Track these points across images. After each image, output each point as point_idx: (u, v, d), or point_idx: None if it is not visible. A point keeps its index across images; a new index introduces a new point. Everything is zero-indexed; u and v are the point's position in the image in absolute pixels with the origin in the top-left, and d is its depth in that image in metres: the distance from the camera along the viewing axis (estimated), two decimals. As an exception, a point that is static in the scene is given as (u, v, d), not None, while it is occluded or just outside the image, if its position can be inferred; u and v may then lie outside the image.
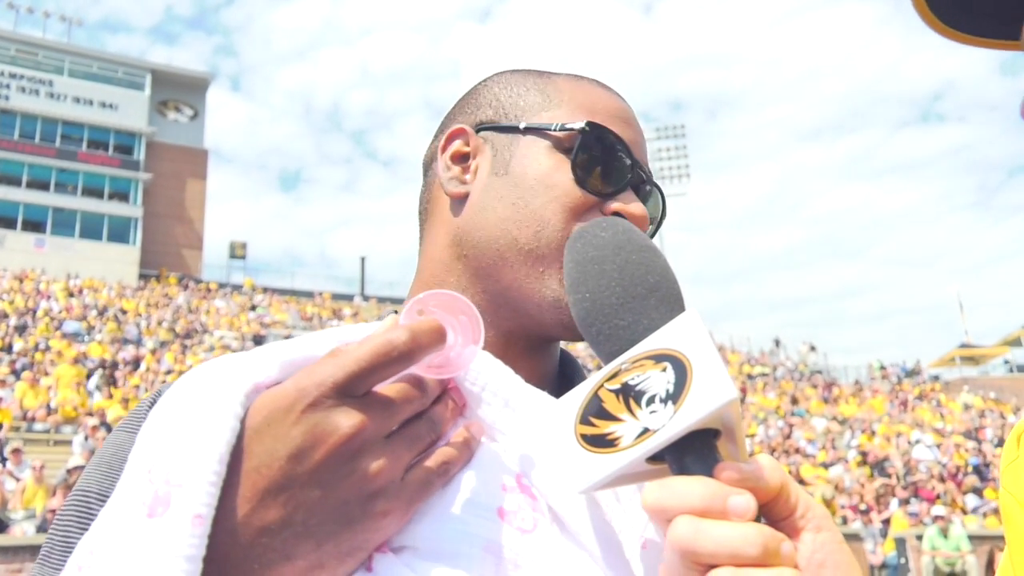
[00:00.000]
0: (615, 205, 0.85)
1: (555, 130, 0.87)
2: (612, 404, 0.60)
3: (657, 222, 0.96)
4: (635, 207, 0.86)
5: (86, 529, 0.72)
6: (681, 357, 0.58)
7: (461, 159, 0.93)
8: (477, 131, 0.93)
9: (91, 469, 0.78)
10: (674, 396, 0.57)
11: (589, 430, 0.61)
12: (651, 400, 0.58)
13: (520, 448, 0.71)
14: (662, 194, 0.96)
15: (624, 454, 0.58)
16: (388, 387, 0.64)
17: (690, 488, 0.54)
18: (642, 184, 0.91)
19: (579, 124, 0.86)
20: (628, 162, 0.88)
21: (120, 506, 0.59)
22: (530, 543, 0.65)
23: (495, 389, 0.73)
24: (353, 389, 0.61)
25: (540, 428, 0.72)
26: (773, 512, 0.57)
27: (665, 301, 0.65)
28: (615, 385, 0.61)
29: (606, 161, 0.86)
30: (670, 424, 0.56)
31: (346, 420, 0.60)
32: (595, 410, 0.61)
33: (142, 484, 0.59)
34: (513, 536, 0.65)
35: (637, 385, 0.59)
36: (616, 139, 0.87)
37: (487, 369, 0.73)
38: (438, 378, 0.68)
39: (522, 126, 0.89)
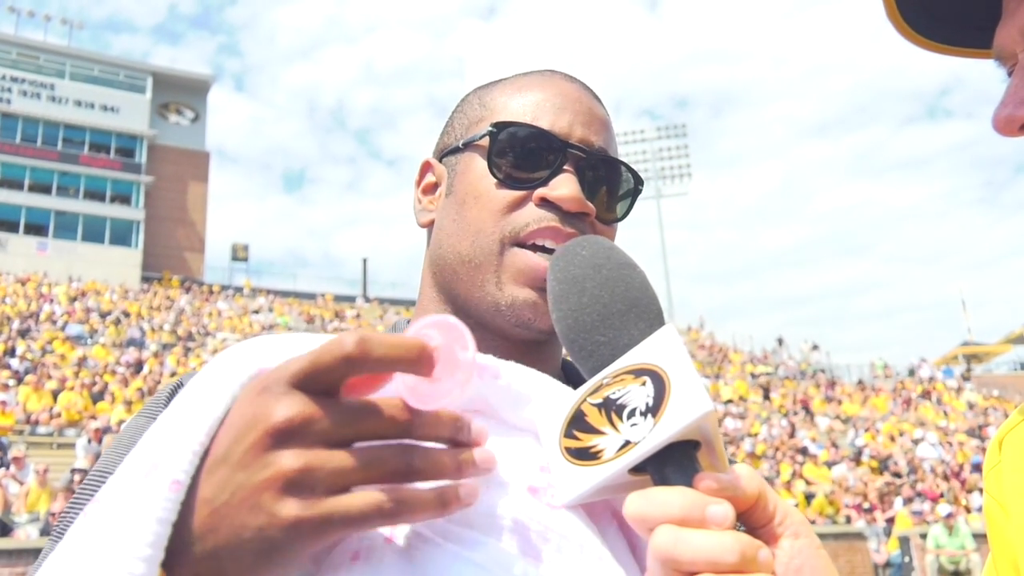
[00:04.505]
0: (540, 191, 0.87)
1: (479, 139, 0.91)
2: (595, 418, 0.62)
3: (632, 193, 0.96)
4: (562, 190, 0.86)
5: None
6: (660, 371, 0.60)
7: (433, 189, 0.99)
8: (441, 159, 0.98)
9: (110, 452, 0.83)
10: (654, 409, 0.59)
11: (573, 443, 0.63)
12: (632, 413, 0.60)
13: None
14: (629, 168, 0.95)
15: (607, 466, 0.60)
16: (367, 398, 0.60)
17: (670, 498, 0.55)
18: (586, 164, 0.90)
19: (488, 128, 0.90)
20: (551, 149, 0.88)
21: (129, 466, 0.62)
22: (559, 517, 0.66)
23: (536, 390, 0.74)
24: (303, 384, 0.59)
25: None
26: (752, 520, 0.59)
27: (644, 317, 0.67)
28: (597, 399, 0.63)
29: (519, 154, 0.88)
30: (650, 436, 0.58)
31: (282, 409, 0.58)
32: (578, 424, 0.63)
33: (148, 448, 0.62)
34: (542, 511, 0.66)
35: (618, 399, 0.61)
36: (530, 130, 0.89)
37: (524, 372, 0.74)
38: (419, 407, 0.61)
39: (460, 144, 0.94)
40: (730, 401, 26.67)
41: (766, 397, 28.49)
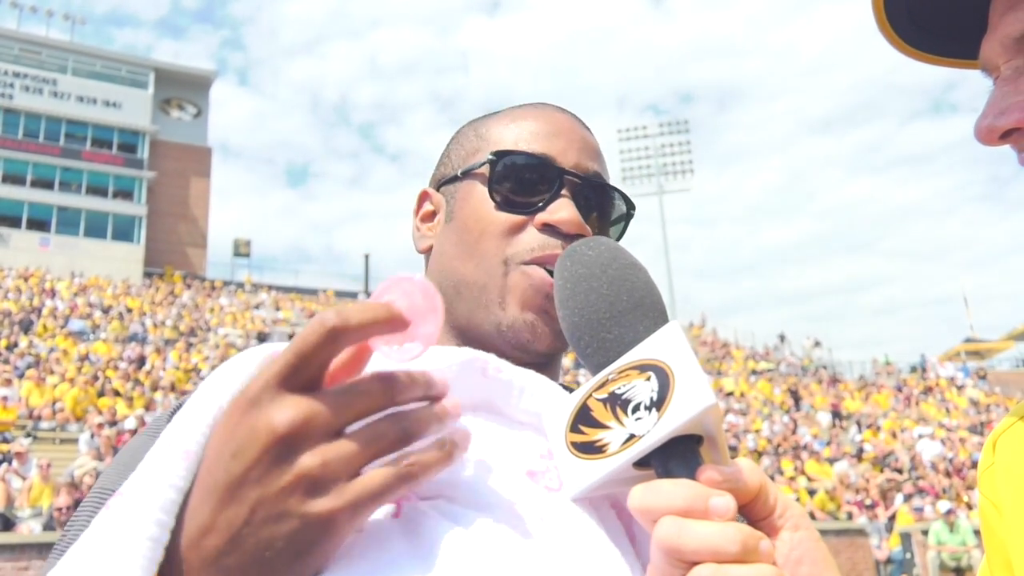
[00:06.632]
0: (541, 216, 0.91)
1: (478, 168, 0.96)
2: (600, 412, 0.64)
3: (624, 218, 1.01)
4: (562, 214, 0.90)
5: None
6: (664, 367, 0.61)
7: (431, 217, 1.04)
8: (438, 188, 1.03)
9: (110, 471, 0.82)
10: (658, 403, 0.60)
11: (579, 437, 0.64)
12: (636, 408, 0.61)
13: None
14: (622, 194, 1.00)
15: (612, 460, 0.61)
16: (349, 382, 0.62)
17: (674, 490, 0.57)
18: (581, 189, 0.94)
19: (488, 156, 0.94)
20: (548, 175, 0.93)
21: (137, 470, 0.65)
22: (555, 500, 0.68)
23: (540, 390, 0.76)
24: (291, 382, 0.59)
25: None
26: (753, 512, 0.61)
27: (649, 315, 0.68)
28: (603, 394, 0.64)
29: (518, 180, 0.93)
30: (655, 430, 0.59)
31: (280, 415, 0.58)
32: (584, 418, 0.65)
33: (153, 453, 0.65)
34: (539, 493, 0.68)
35: (623, 394, 0.62)
36: (527, 157, 0.93)
37: (530, 376, 0.77)
38: (404, 365, 0.63)
39: (459, 173, 0.99)
40: (731, 394, 26.69)
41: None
